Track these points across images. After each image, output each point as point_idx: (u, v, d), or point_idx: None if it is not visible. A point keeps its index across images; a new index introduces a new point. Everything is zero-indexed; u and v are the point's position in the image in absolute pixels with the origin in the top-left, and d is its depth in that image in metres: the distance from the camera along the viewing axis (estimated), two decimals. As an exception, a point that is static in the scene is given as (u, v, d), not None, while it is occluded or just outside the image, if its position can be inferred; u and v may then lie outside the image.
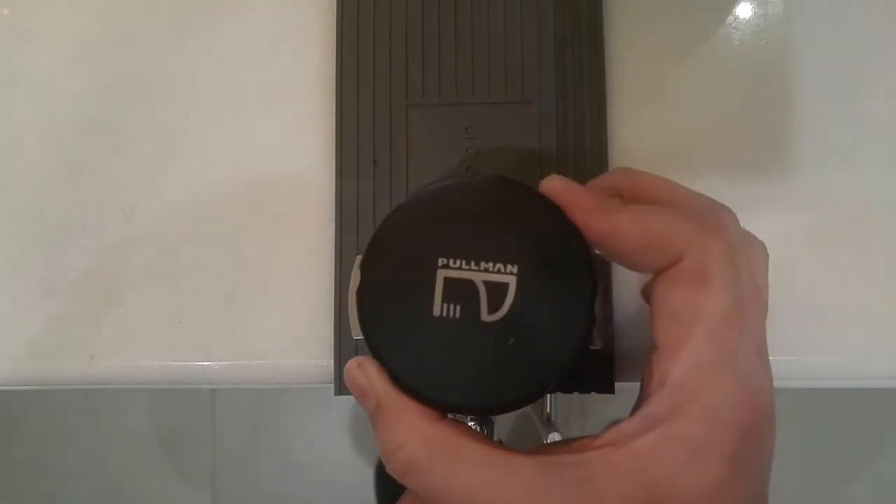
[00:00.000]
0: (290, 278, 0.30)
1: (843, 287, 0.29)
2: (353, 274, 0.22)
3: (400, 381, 0.20)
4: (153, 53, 0.32)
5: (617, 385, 0.28)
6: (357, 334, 0.21)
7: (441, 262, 0.20)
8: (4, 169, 0.31)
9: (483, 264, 0.20)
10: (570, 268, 0.21)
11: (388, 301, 0.21)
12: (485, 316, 0.20)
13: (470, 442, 0.19)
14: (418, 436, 0.19)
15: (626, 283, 0.29)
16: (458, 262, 0.20)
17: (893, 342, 0.29)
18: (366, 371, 0.21)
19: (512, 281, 0.20)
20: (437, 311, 0.20)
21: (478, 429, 0.25)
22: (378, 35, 0.30)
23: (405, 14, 0.30)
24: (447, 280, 0.20)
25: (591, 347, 0.21)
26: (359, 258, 0.21)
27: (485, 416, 0.25)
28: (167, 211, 0.31)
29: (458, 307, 0.20)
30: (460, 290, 0.20)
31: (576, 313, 0.20)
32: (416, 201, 0.22)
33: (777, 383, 0.30)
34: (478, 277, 0.20)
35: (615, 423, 0.19)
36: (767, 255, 0.23)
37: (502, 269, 0.20)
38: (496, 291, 0.20)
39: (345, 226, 0.29)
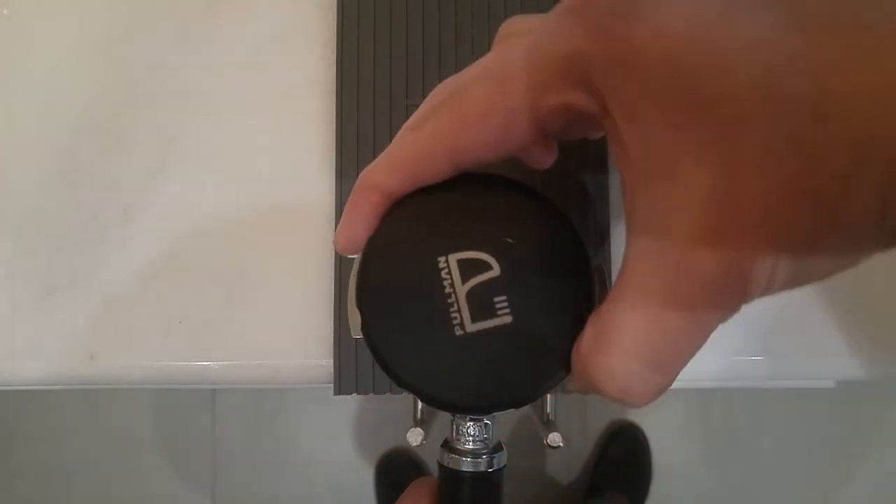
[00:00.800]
0: (290, 278, 0.30)
1: (843, 287, 0.29)
2: (352, 273, 0.22)
3: (403, 381, 0.21)
4: (153, 53, 0.32)
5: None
6: (357, 334, 0.21)
7: (440, 262, 0.20)
8: (4, 169, 0.31)
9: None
10: (567, 265, 0.21)
11: (388, 306, 0.21)
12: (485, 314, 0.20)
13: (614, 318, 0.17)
14: (615, 357, 0.17)
15: (626, 283, 0.29)
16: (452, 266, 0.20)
17: (893, 342, 0.29)
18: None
19: (507, 278, 0.20)
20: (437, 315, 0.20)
21: (477, 428, 0.25)
22: (378, 35, 0.30)
23: (405, 14, 0.30)
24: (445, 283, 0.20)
25: None
26: (359, 258, 0.22)
27: (486, 415, 0.25)
28: (167, 211, 0.31)
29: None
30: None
31: (573, 311, 0.20)
32: (410, 204, 0.22)
33: (777, 383, 0.30)
34: (475, 279, 0.20)
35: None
36: None
37: (497, 268, 0.20)
38: (494, 289, 0.20)
39: (345, 226, 0.29)
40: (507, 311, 0.20)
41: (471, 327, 0.20)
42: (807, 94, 0.13)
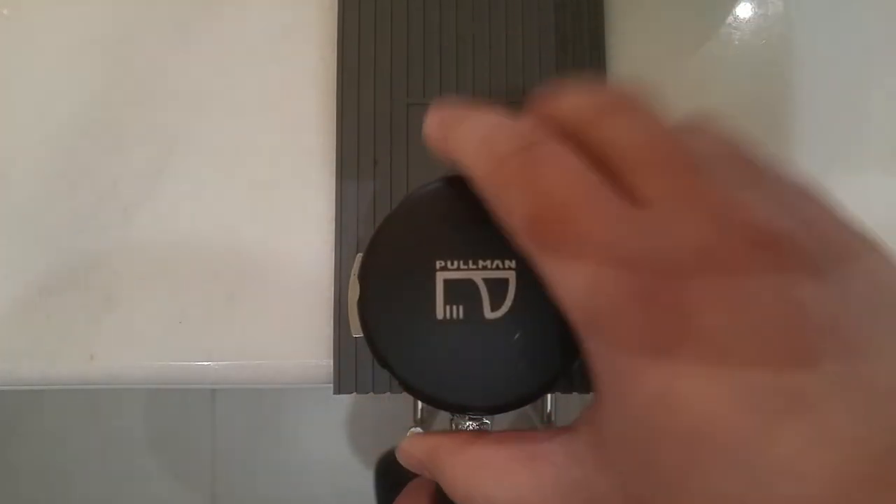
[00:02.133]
0: (290, 278, 0.30)
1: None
2: (353, 272, 0.22)
3: (407, 384, 0.21)
4: (153, 53, 0.32)
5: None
6: (356, 333, 0.21)
7: (439, 263, 0.20)
8: (4, 169, 0.31)
9: (481, 262, 0.20)
10: None
11: (391, 307, 0.21)
12: (488, 314, 0.20)
13: (499, 450, 0.19)
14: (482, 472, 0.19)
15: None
16: (455, 262, 0.20)
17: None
18: (416, 447, 0.21)
19: (512, 276, 0.20)
20: (439, 314, 0.20)
21: (476, 428, 0.25)
22: (379, 34, 0.30)
23: (406, 13, 0.30)
24: (447, 281, 0.20)
25: None
26: (359, 256, 0.22)
27: (487, 415, 0.25)
28: (167, 211, 0.31)
29: (461, 307, 0.20)
30: (461, 291, 0.20)
31: None
32: (412, 204, 0.22)
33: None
34: (477, 276, 0.20)
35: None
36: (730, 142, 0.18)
37: (501, 266, 0.20)
38: (497, 288, 0.20)
39: (345, 226, 0.29)
40: (509, 312, 0.20)
41: (471, 328, 0.20)
42: None
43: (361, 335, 0.21)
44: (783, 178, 0.17)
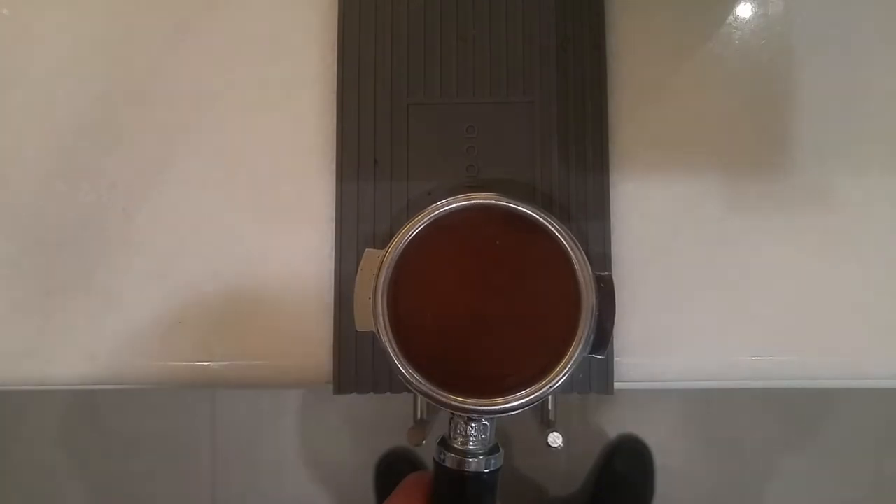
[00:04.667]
0: (290, 278, 0.30)
1: (843, 287, 0.29)
2: (360, 266, 0.22)
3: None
4: (153, 53, 0.32)
5: (615, 386, 0.28)
6: (361, 327, 0.21)
7: None
8: (4, 169, 0.31)
9: None
10: None
11: None
12: None
13: None
14: None
15: (625, 294, 0.29)
16: None
17: (893, 342, 0.29)
18: None
19: None
20: None
21: (475, 428, 0.25)
22: (379, 34, 0.30)
23: (407, 13, 0.30)
24: None
25: (597, 356, 0.22)
26: (368, 251, 0.21)
27: (486, 416, 0.25)
28: (167, 211, 0.31)
29: None
30: None
31: None
32: None
33: (777, 383, 0.30)
34: None
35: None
36: None
37: None
38: None
39: (345, 225, 0.29)
40: None
41: None
42: None
43: (365, 329, 0.21)
44: None
